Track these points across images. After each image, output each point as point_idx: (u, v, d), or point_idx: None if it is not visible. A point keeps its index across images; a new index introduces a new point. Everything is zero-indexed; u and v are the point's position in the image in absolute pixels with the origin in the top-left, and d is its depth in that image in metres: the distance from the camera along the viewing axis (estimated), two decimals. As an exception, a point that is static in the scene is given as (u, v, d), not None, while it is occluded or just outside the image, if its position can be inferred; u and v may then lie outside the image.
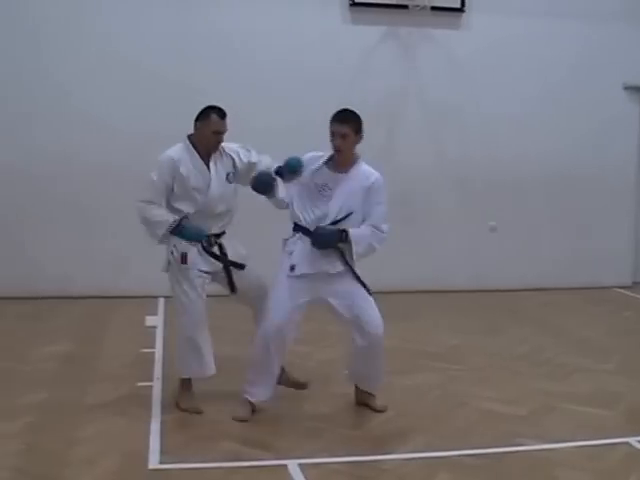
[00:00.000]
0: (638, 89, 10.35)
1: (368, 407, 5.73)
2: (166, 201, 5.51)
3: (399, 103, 9.56)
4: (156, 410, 5.58)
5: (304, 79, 9.22)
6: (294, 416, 5.60)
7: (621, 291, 10.40)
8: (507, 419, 5.60)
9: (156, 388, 6.05)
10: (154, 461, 4.74)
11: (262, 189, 5.53)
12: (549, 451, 5.06)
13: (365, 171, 5.70)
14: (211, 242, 5.59)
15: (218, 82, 8.96)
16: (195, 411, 5.59)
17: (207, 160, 5.57)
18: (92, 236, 9.00)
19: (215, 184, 5.54)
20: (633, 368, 6.94)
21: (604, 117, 10.15)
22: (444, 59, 9.61)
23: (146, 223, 5.53)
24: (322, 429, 5.33)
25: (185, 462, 4.75)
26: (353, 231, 5.54)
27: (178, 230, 5.47)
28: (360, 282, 5.66)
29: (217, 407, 5.68)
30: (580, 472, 4.75)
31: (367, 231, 5.64)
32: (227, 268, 5.64)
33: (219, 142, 5.58)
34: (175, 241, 5.53)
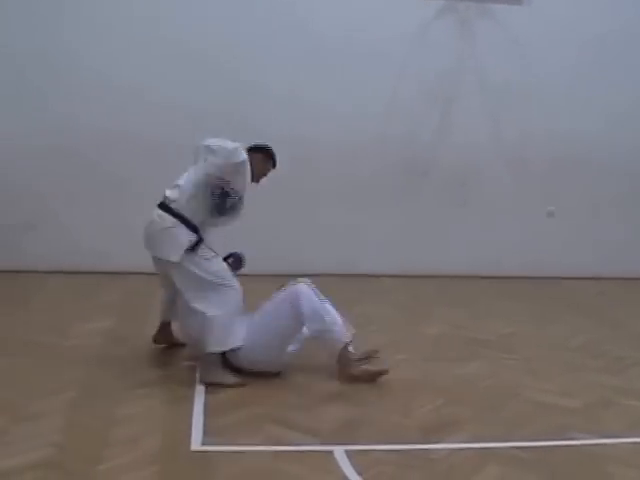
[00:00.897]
0: None
1: None
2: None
3: (455, 80, 9.32)
4: (200, 390, 5.51)
5: (361, 54, 9.04)
6: (341, 401, 5.48)
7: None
8: (560, 412, 5.44)
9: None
10: (197, 442, 4.66)
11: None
12: (603, 446, 4.90)
13: None
14: None
15: (272, 57, 8.89)
16: (237, 383, 5.64)
17: None
18: (137, 212, 8.90)
19: None
20: (693, 364, 6.72)
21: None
22: (503, 35, 9.31)
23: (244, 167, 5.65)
24: (370, 415, 5.22)
25: (228, 444, 4.66)
26: None
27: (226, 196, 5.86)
28: None
29: (262, 390, 5.59)
30: (635, 470, 4.61)
31: None
32: None
33: (257, 181, 5.99)
34: None
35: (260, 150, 5.98)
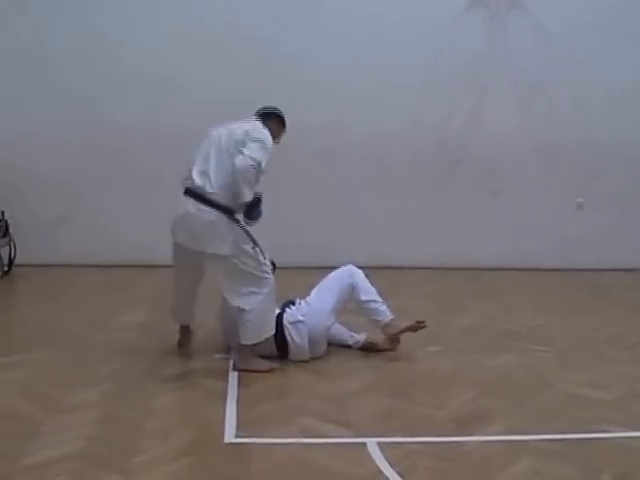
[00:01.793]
0: None
1: None
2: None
3: (486, 71, 9.25)
4: (233, 383, 5.53)
5: (392, 43, 9.03)
6: (374, 393, 5.48)
7: None
8: (593, 404, 5.40)
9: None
10: (230, 435, 4.68)
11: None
12: (636, 439, 4.86)
13: None
14: None
15: (305, 42, 8.93)
16: (272, 368, 5.77)
17: None
18: (170, 204, 8.97)
19: None
20: None
21: None
22: (533, 25, 9.25)
23: (251, 186, 5.52)
24: (403, 407, 5.22)
25: (261, 437, 4.67)
26: None
27: (256, 203, 5.68)
28: None
29: (295, 382, 5.63)
30: (668, 462, 4.57)
31: None
32: None
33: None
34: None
35: (274, 116, 5.97)
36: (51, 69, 8.75)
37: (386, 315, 6.19)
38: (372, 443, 4.60)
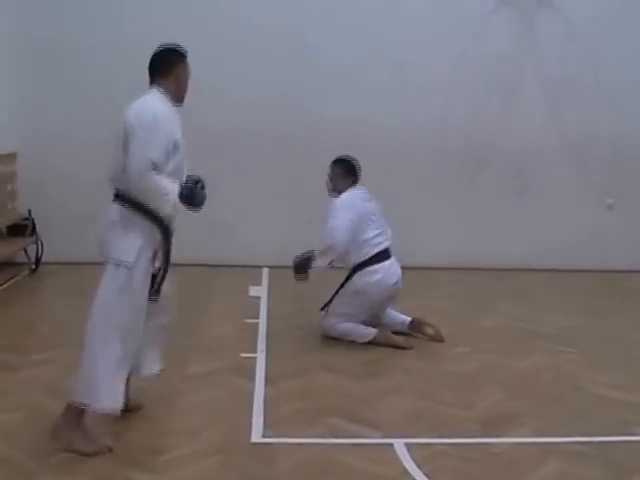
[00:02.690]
0: None
1: None
2: None
3: (514, 72, 9.25)
4: (260, 382, 5.53)
5: (419, 44, 9.04)
6: (401, 394, 5.46)
7: None
8: (622, 406, 5.35)
9: (260, 360, 6.00)
10: (257, 435, 4.67)
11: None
12: (665, 442, 4.81)
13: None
14: (170, 231, 4.71)
15: (331, 42, 8.96)
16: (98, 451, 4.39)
17: None
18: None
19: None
20: None
21: None
22: (563, 24, 9.22)
23: (157, 191, 4.41)
24: (430, 408, 5.19)
25: (288, 437, 4.66)
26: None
27: (189, 196, 4.52)
28: None
29: (322, 383, 5.61)
30: (699, 466, 4.51)
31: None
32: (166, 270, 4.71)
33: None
34: (143, 229, 4.54)
35: (170, 64, 4.89)
36: (77, 67, 8.83)
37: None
38: (399, 444, 4.57)
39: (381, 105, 8.97)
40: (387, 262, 6.51)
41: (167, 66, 4.80)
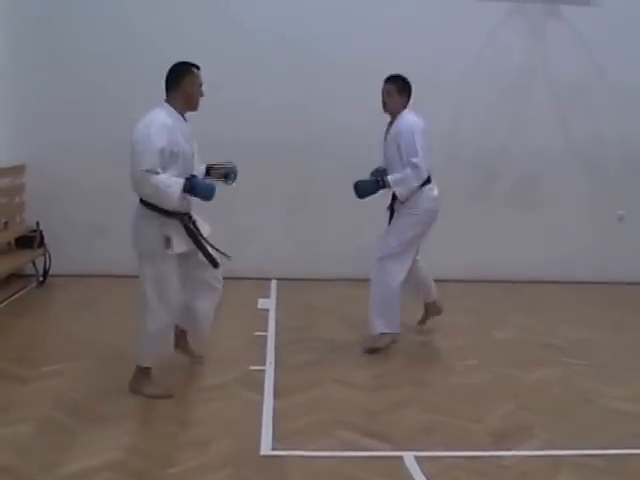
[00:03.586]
0: None
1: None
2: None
3: (525, 82, 9.22)
4: (269, 395, 5.51)
5: (428, 56, 8.98)
6: (412, 407, 5.43)
7: None
8: (634, 419, 5.32)
9: (269, 372, 5.98)
10: (267, 447, 4.66)
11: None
12: (679, 457, 4.77)
13: (402, 119, 6.54)
14: (187, 221, 5.48)
15: (342, 56, 8.95)
16: (165, 395, 5.44)
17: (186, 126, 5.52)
18: (207, 216, 9.02)
19: (193, 150, 5.57)
20: None
21: None
22: (572, 36, 9.19)
23: (158, 190, 5.24)
24: (441, 421, 5.16)
25: (298, 449, 4.64)
26: (392, 176, 6.41)
27: (192, 187, 5.30)
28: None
29: (332, 395, 5.58)
30: None
31: (406, 172, 6.37)
32: (203, 246, 5.56)
33: (202, 96, 5.53)
34: (159, 221, 5.38)
35: (178, 77, 5.55)
36: (85, 79, 8.83)
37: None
38: (409, 457, 4.55)
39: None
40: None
41: (175, 79, 5.45)
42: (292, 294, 8.38)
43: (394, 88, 6.56)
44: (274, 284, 8.85)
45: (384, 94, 6.61)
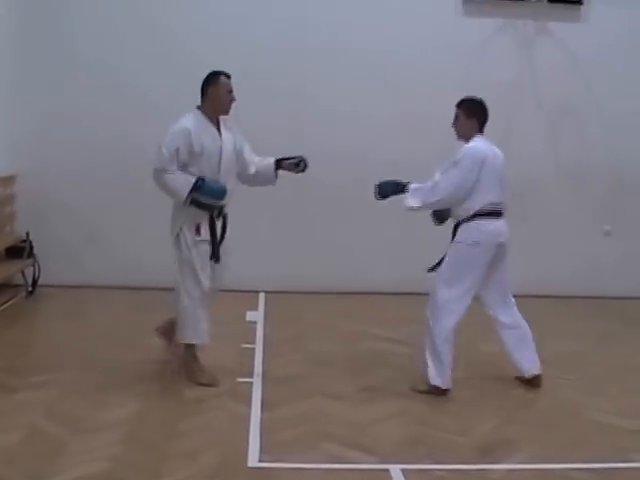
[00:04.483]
0: None
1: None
2: (181, 168, 5.83)
3: (514, 98, 9.22)
4: (256, 407, 5.52)
5: (417, 73, 9.07)
6: (398, 419, 5.45)
7: None
8: (620, 433, 5.34)
9: (256, 384, 5.99)
10: (253, 459, 4.66)
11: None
12: (664, 470, 4.79)
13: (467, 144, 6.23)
14: (216, 214, 6.04)
15: (325, 75, 8.98)
16: (211, 384, 5.94)
17: (217, 127, 5.97)
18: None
19: (226, 148, 5.97)
20: None
21: None
22: (561, 52, 9.27)
23: (166, 187, 5.89)
24: (427, 434, 5.18)
25: (285, 461, 4.66)
26: (416, 185, 6.28)
27: (201, 186, 5.79)
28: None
29: (319, 408, 5.59)
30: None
31: (426, 184, 6.22)
32: (216, 242, 6.14)
33: (232, 101, 5.97)
34: (189, 212, 5.93)
35: (206, 84, 6.00)
36: (78, 90, 8.88)
37: None
38: (396, 470, 4.57)
39: (382, 136, 8.99)
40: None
41: (204, 87, 5.97)
42: (280, 307, 8.39)
43: (461, 112, 6.28)
44: (262, 297, 8.87)
45: (454, 120, 6.35)
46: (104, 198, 9.02)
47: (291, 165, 6.17)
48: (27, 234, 8.75)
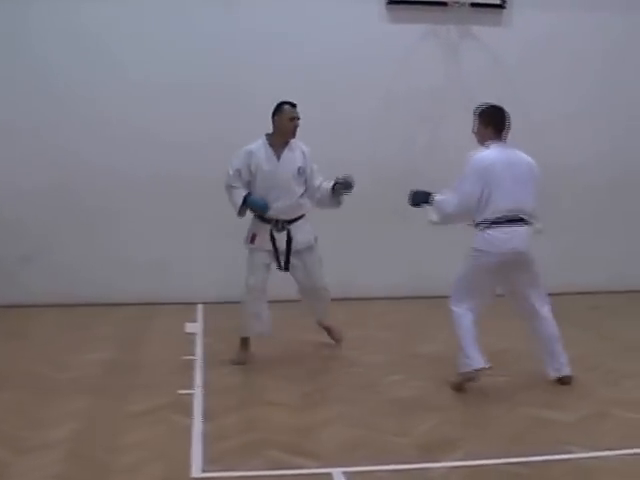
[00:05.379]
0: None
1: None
2: (245, 185, 6.74)
3: (441, 102, 9.36)
4: (198, 418, 5.53)
5: (343, 79, 9.15)
6: (339, 423, 5.50)
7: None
8: (556, 426, 5.45)
9: (197, 396, 6.00)
10: (197, 470, 4.67)
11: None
12: (599, 459, 4.88)
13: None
14: (279, 227, 6.76)
15: (260, 84, 8.96)
16: (237, 362, 6.82)
17: (280, 152, 6.79)
18: (132, 244, 9.04)
19: (282, 170, 6.75)
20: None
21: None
22: (486, 57, 9.44)
23: (230, 201, 6.78)
24: (368, 436, 5.24)
25: (229, 470, 4.68)
26: (439, 197, 6.21)
27: (246, 200, 6.68)
28: None
29: (261, 416, 5.64)
30: (630, 482, 4.61)
31: (450, 196, 6.16)
32: (276, 250, 6.83)
33: (296, 127, 6.81)
34: (253, 223, 6.86)
35: (273, 115, 6.87)
36: (14, 114, 8.83)
37: None
38: (338, 473, 4.61)
39: (311, 143, 9.02)
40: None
41: (272, 115, 6.86)
42: (219, 318, 8.39)
43: (477, 121, 6.35)
44: (200, 308, 8.88)
45: (472, 127, 6.36)
46: (39, 216, 8.94)
47: (339, 191, 6.85)
48: (-37, 254, 8.66)
